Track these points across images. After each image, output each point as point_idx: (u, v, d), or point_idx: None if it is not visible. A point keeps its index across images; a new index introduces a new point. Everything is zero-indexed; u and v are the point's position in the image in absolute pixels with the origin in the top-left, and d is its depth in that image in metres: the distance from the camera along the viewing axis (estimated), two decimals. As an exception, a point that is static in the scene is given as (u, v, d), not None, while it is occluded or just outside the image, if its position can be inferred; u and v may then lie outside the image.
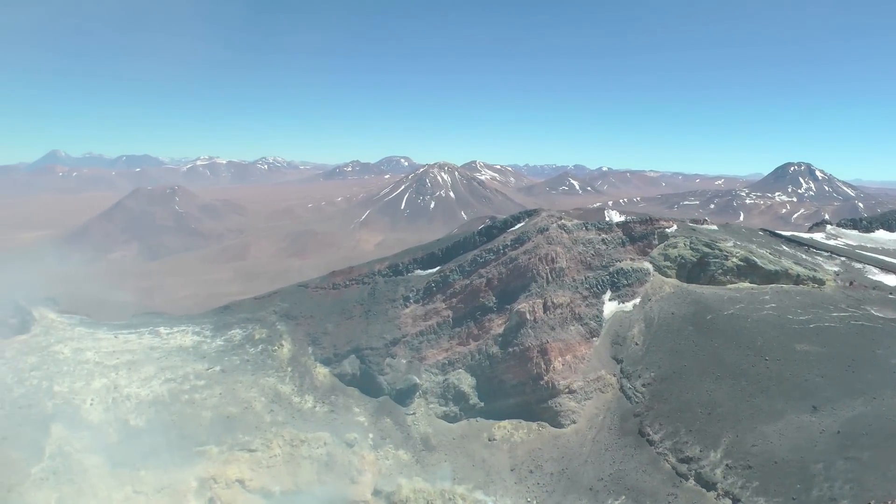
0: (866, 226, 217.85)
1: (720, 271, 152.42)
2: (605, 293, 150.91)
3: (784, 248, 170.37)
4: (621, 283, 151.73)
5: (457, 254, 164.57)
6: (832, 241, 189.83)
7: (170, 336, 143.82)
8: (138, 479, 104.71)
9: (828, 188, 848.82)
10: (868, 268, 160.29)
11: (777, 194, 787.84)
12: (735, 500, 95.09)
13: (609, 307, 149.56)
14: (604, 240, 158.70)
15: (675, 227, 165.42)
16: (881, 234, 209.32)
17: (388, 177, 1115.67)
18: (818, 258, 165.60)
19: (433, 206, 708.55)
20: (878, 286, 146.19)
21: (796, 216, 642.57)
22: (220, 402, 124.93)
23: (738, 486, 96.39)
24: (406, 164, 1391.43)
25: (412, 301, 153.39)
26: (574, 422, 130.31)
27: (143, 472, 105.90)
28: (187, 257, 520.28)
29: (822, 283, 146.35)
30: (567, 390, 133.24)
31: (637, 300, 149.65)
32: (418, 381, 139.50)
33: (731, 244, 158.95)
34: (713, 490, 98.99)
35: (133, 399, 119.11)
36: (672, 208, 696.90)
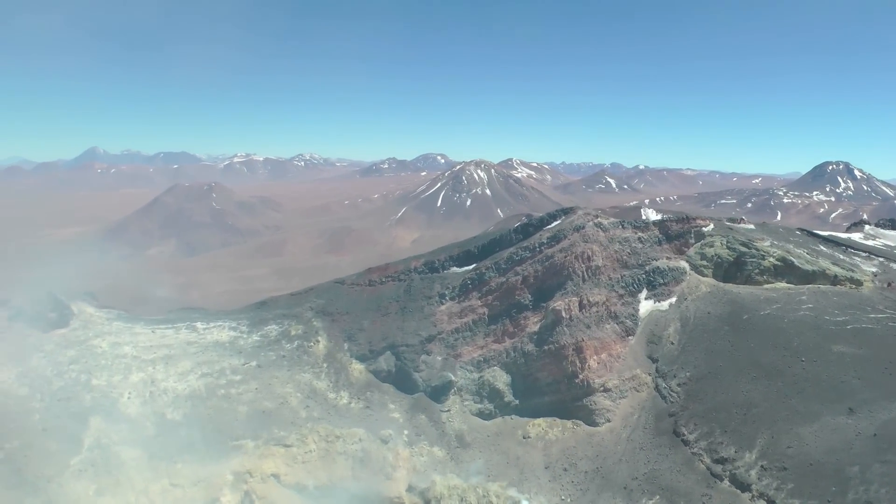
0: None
1: (757, 271, 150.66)
2: (641, 292, 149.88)
3: (821, 248, 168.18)
4: (657, 282, 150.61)
5: (493, 251, 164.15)
6: (870, 242, 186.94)
7: (206, 331, 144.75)
8: (175, 471, 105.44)
9: (867, 187, 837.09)
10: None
11: (815, 193, 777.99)
12: (770, 502, 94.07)
13: (645, 306, 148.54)
14: (640, 238, 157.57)
15: (711, 225, 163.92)
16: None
17: (424, 174, 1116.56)
18: (856, 259, 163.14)
19: (469, 203, 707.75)
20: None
21: (834, 216, 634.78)
22: (256, 397, 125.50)
23: (773, 487, 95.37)
24: (442, 161, 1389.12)
25: (448, 298, 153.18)
26: (609, 420, 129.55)
27: (179, 465, 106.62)
28: (224, 253, 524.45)
29: (859, 283, 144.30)
30: (602, 389, 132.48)
31: (673, 299, 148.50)
32: (453, 378, 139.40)
33: (768, 244, 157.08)
34: (748, 491, 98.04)
35: (170, 393, 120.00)
36: (709, 207, 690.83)
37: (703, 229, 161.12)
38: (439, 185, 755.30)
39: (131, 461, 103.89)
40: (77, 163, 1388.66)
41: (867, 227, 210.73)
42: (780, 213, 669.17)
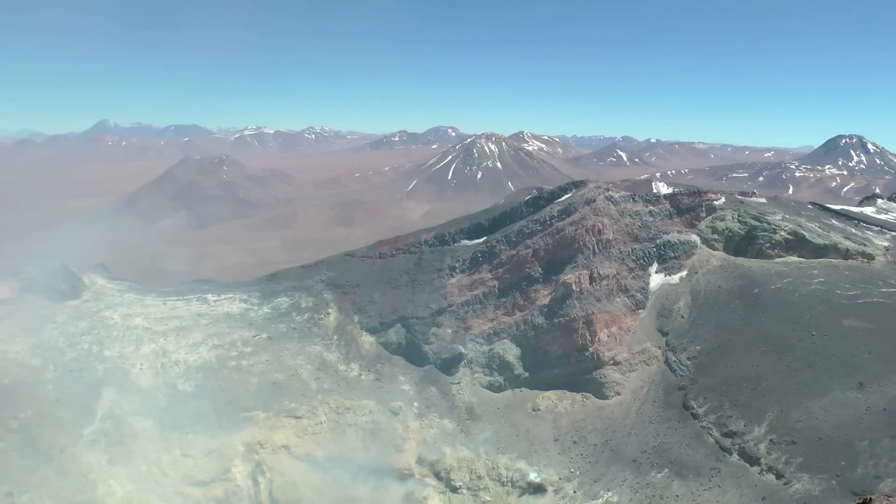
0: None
1: (768, 245, 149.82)
2: (651, 265, 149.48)
3: (833, 221, 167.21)
4: (668, 256, 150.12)
5: (503, 224, 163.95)
6: (883, 216, 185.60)
7: (217, 303, 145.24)
8: (186, 442, 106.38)
9: (880, 161, 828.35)
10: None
11: (827, 167, 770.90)
12: (778, 476, 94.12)
13: (655, 279, 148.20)
14: (651, 212, 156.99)
15: (723, 199, 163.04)
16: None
17: (435, 147, 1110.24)
18: (868, 233, 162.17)
19: (480, 176, 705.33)
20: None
21: (846, 189, 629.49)
22: (267, 369, 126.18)
23: (782, 461, 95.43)
24: (453, 134, 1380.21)
25: (458, 271, 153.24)
26: (618, 394, 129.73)
27: (191, 435, 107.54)
28: (235, 226, 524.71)
29: (871, 258, 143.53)
30: (612, 362, 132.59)
31: (684, 273, 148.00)
32: (463, 350, 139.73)
33: (779, 217, 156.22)
34: (757, 465, 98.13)
35: (181, 364, 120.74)
36: (720, 181, 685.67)
37: (715, 203, 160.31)
38: (450, 157, 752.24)
39: (143, 432, 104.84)
40: (88, 135, 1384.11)
41: (880, 200, 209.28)
42: (791, 187, 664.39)
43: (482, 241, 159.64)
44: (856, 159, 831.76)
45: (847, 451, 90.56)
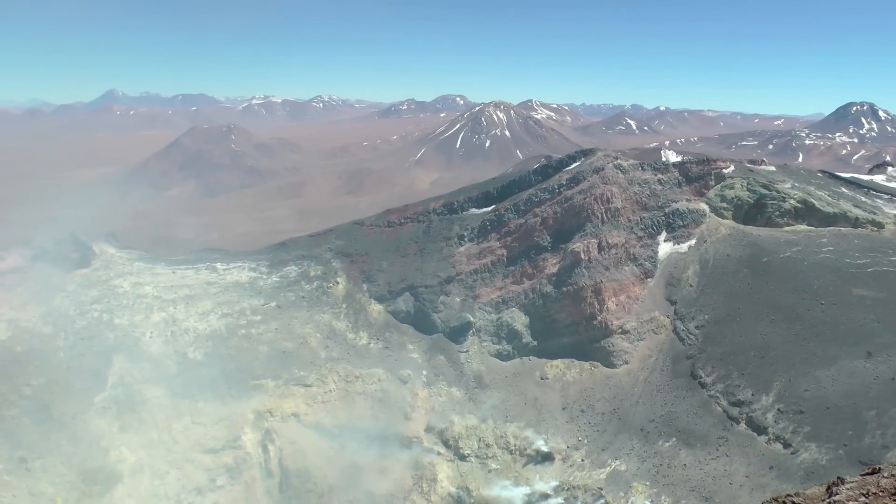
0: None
1: (777, 213, 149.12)
2: (660, 234, 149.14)
3: (843, 190, 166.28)
4: (677, 224, 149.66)
5: (512, 193, 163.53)
6: (893, 184, 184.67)
7: (226, 272, 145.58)
8: (197, 410, 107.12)
9: (891, 129, 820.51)
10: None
11: (838, 135, 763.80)
12: (786, 445, 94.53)
13: (664, 248, 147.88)
14: (660, 180, 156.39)
15: (732, 167, 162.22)
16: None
17: (443, 115, 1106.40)
18: (878, 201, 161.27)
19: (488, 144, 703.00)
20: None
21: (857, 157, 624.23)
22: (276, 338, 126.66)
23: (790, 430, 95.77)
24: (461, 102, 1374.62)
25: (467, 240, 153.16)
26: (626, 362, 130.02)
27: (201, 403, 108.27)
28: (244, 195, 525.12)
29: (881, 226, 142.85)
30: (620, 331, 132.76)
31: (692, 241, 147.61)
32: (472, 319, 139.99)
33: (788, 186, 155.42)
34: (764, 434, 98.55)
35: (191, 333, 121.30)
36: (730, 149, 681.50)
37: (724, 171, 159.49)
38: (458, 126, 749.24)
39: (154, 399, 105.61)
40: (96, 105, 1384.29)
41: (890, 168, 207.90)
42: (801, 155, 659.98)
43: (490, 209, 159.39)
44: (867, 127, 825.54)
45: (854, 420, 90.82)
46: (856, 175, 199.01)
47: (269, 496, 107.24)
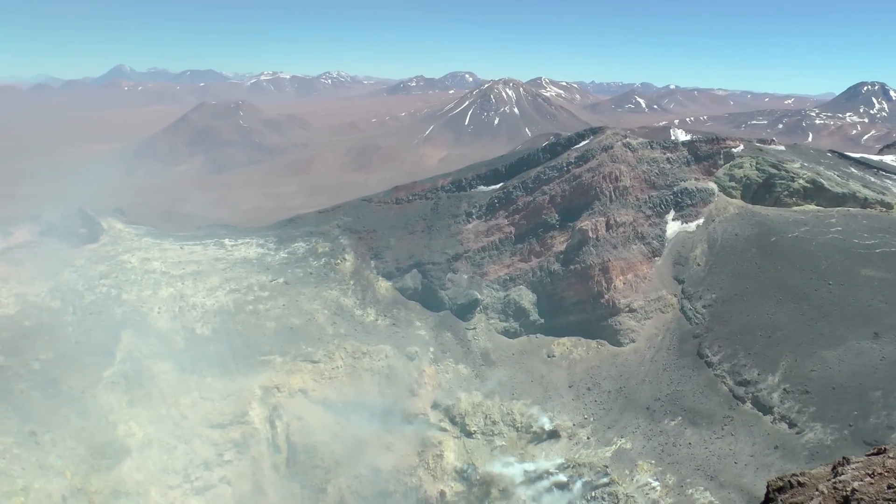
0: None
1: (786, 193, 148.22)
2: (668, 213, 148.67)
3: (852, 170, 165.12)
4: (685, 203, 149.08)
5: (520, 170, 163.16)
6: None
7: (234, 248, 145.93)
8: (205, 385, 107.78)
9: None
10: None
11: (848, 115, 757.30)
12: (791, 425, 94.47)
13: (672, 227, 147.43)
14: (668, 159, 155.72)
15: (741, 146, 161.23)
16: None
17: (452, 92, 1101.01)
18: (887, 181, 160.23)
19: (497, 122, 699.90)
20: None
21: (867, 137, 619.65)
22: (284, 314, 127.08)
23: (795, 410, 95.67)
24: (471, 79, 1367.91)
25: (475, 217, 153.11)
26: (633, 341, 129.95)
27: (209, 378, 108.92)
28: (252, 171, 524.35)
29: (890, 207, 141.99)
30: (627, 309, 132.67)
31: (700, 220, 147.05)
32: (479, 296, 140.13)
33: (797, 165, 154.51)
34: (769, 414, 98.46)
35: (199, 308, 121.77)
36: (739, 128, 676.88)
37: (733, 150, 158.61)
38: (467, 103, 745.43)
39: (162, 374, 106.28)
40: (104, 80, 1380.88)
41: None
42: (811, 135, 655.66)
43: (499, 186, 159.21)
44: (877, 107, 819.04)
45: (860, 400, 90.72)
46: (865, 155, 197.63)
47: (276, 471, 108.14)
